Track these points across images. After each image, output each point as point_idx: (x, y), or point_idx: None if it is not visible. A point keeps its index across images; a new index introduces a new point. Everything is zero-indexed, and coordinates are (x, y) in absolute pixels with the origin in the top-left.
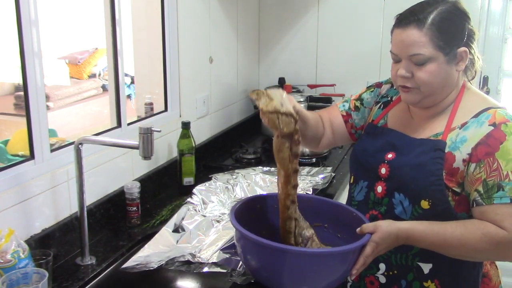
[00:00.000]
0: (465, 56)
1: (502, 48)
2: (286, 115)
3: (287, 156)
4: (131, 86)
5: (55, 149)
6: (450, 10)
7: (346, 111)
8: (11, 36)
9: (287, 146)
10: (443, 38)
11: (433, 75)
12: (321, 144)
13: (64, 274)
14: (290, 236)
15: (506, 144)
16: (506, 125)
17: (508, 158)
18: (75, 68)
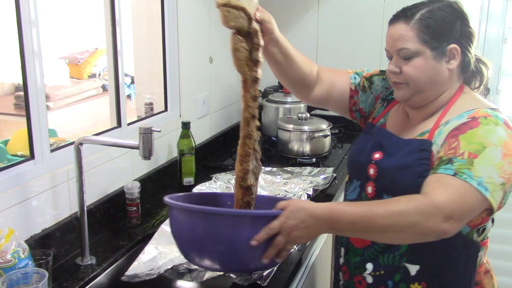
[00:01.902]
0: (457, 54)
1: (502, 48)
2: (237, 9)
3: (243, 58)
4: (131, 86)
5: (55, 149)
6: (442, 7)
7: (356, 86)
8: (11, 36)
9: (243, 45)
10: (429, 33)
11: (419, 70)
12: (311, 97)
13: (64, 274)
14: (248, 159)
15: (475, 130)
16: (485, 118)
17: (470, 140)
18: (75, 68)
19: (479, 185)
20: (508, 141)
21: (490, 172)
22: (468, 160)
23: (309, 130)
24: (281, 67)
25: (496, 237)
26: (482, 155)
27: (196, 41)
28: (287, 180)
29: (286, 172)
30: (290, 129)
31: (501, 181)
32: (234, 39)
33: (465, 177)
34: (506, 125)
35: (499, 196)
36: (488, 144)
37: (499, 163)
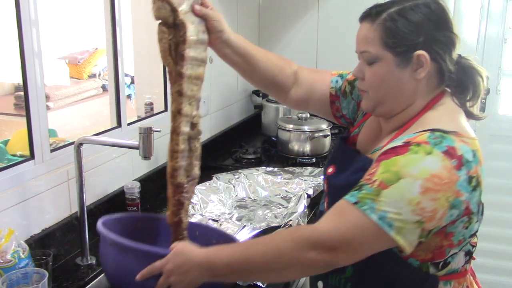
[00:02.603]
0: (425, 62)
1: (502, 48)
2: (161, 0)
3: (165, 49)
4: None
5: (55, 149)
6: (415, 7)
7: (336, 91)
8: (11, 36)
9: (165, 36)
10: (393, 36)
11: (379, 77)
12: (288, 99)
13: (64, 274)
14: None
15: (398, 158)
16: (418, 145)
17: (388, 168)
18: (75, 68)
19: (381, 219)
20: (437, 174)
21: (399, 208)
22: (376, 189)
23: (309, 130)
24: (241, 69)
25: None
26: (393, 186)
27: None
28: (288, 180)
29: (287, 172)
30: (290, 129)
31: (416, 219)
32: (158, 29)
33: (365, 208)
34: (447, 154)
35: (413, 236)
36: (405, 175)
37: (415, 198)
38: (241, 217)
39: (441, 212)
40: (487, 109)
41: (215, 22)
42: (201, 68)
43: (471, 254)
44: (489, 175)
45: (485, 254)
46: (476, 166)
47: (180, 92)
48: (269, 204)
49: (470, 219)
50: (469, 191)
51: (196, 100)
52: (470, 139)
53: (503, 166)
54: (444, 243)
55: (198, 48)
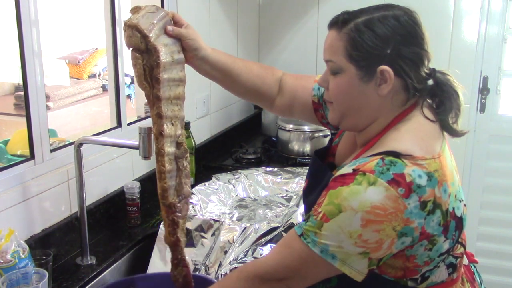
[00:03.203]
0: (389, 78)
1: (502, 48)
2: (131, 28)
3: (140, 74)
4: (131, 86)
5: (55, 149)
6: (383, 19)
7: (318, 99)
8: (11, 36)
9: (139, 62)
10: (357, 48)
11: (340, 89)
12: (274, 107)
13: (64, 274)
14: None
15: (342, 188)
16: (363, 175)
17: (331, 200)
18: (75, 68)
19: (323, 252)
20: (379, 205)
21: (339, 241)
22: (318, 222)
23: (309, 130)
24: (222, 83)
25: (484, 236)
26: (333, 220)
27: None
28: (288, 179)
29: (287, 172)
30: (290, 129)
31: (359, 251)
32: (131, 55)
33: (308, 241)
34: (393, 183)
35: (360, 265)
36: (345, 208)
37: (355, 232)
38: (242, 216)
39: (388, 242)
40: (487, 109)
41: (190, 41)
42: (180, 87)
43: (455, 266)
44: (489, 175)
45: (485, 254)
46: (433, 189)
47: (159, 114)
48: (269, 203)
49: (432, 241)
50: (423, 217)
51: (178, 119)
52: (428, 159)
53: (503, 166)
54: (408, 265)
55: (174, 69)
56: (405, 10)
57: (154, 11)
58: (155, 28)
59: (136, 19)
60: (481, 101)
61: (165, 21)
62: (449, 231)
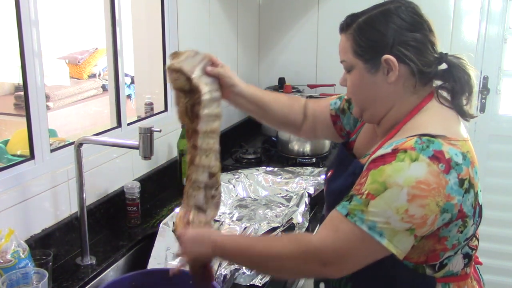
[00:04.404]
0: (393, 65)
1: (502, 48)
2: (176, 71)
3: (183, 110)
4: (131, 86)
5: (55, 149)
6: (377, 14)
7: (336, 111)
8: (11, 36)
9: (182, 101)
10: (361, 44)
11: (354, 84)
12: (301, 132)
13: (64, 274)
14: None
15: (385, 167)
16: (405, 152)
17: (375, 179)
18: (75, 68)
19: (371, 229)
20: (423, 180)
21: (387, 217)
22: (364, 201)
23: None
24: (255, 114)
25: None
26: (380, 196)
27: (196, 41)
28: (288, 179)
29: (287, 172)
30: None
31: (405, 227)
32: (175, 94)
33: (355, 219)
34: (434, 159)
35: (405, 243)
36: (391, 185)
37: (402, 207)
38: (242, 216)
39: (432, 218)
40: (487, 109)
41: (227, 79)
42: (216, 122)
43: (471, 257)
44: (489, 175)
45: (485, 254)
46: (468, 168)
47: (195, 146)
48: (269, 203)
49: (464, 223)
50: (461, 194)
51: (213, 152)
52: (460, 141)
53: (503, 166)
54: (437, 247)
55: (212, 105)
56: (403, 2)
57: (194, 55)
58: (197, 69)
59: (179, 63)
60: (481, 101)
61: (204, 63)
62: (475, 216)
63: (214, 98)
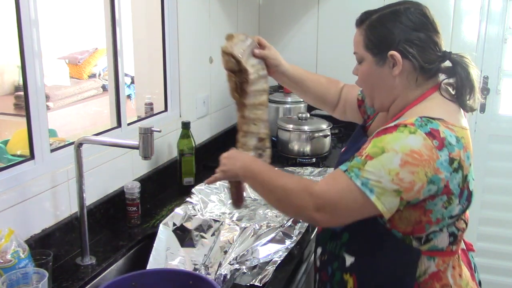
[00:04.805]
0: (397, 61)
1: (502, 48)
2: (227, 54)
3: (233, 87)
4: (131, 86)
5: (55, 149)
6: (388, 14)
7: (362, 97)
8: (11, 36)
9: (232, 79)
10: (372, 39)
11: (363, 74)
12: (335, 112)
13: (64, 274)
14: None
15: (386, 135)
16: (405, 126)
17: (376, 144)
18: (75, 68)
19: (364, 185)
20: (417, 150)
21: (379, 176)
22: (363, 160)
23: (309, 130)
24: (296, 91)
25: (484, 236)
26: (377, 158)
27: (196, 41)
28: None
29: (288, 172)
30: (290, 129)
31: (394, 188)
32: (227, 74)
33: (352, 175)
34: (430, 135)
35: (391, 203)
36: (389, 149)
37: (394, 170)
38: (242, 216)
39: (419, 185)
40: (487, 109)
41: (272, 60)
42: (263, 96)
43: (456, 236)
44: (489, 175)
45: (485, 254)
46: (460, 151)
47: (242, 116)
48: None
49: (449, 199)
50: (449, 171)
51: (261, 121)
52: (457, 127)
53: (503, 166)
54: (422, 219)
55: (259, 82)
56: (413, 3)
57: (244, 39)
58: (245, 53)
59: (231, 47)
60: (481, 98)
61: (253, 46)
62: (462, 197)
63: (261, 76)
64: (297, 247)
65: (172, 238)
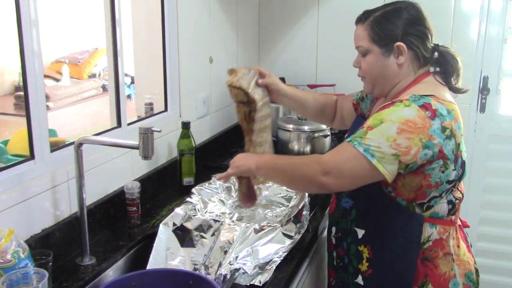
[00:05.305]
0: (403, 51)
1: (502, 48)
2: (236, 88)
3: (242, 117)
4: (131, 86)
5: (55, 149)
6: (391, 11)
7: (357, 101)
8: (11, 36)
9: (241, 109)
10: (377, 33)
11: (370, 65)
12: (334, 122)
13: (64, 274)
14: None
15: (384, 110)
16: (401, 101)
17: (375, 117)
18: (75, 68)
19: (365, 151)
20: (411, 120)
21: (379, 143)
22: (365, 131)
23: (309, 130)
24: (297, 110)
25: (484, 236)
26: (376, 128)
27: (196, 41)
28: None
29: None
30: (290, 129)
31: (392, 152)
32: (236, 105)
33: (354, 143)
34: (423, 108)
35: (392, 166)
36: (386, 120)
37: (392, 136)
38: (242, 216)
39: (415, 150)
40: (487, 109)
41: (273, 86)
42: (268, 120)
43: (454, 205)
44: (489, 175)
45: (485, 254)
46: (451, 121)
47: (250, 139)
48: (269, 203)
49: (445, 164)
50: (443, 138)
51: (266, 143)
52: (447, 101)
53: (503, 166)
54: (423, 183)
55: (264, 108)
56: (410, 2)
57: (247, 72)
58: (251, 84)
59: (238, 81)
60: (481, 101)
61: (256, 77)
62: (457, 164)
63: (265, 102)
64: (297, 247)
65: (172, 238)
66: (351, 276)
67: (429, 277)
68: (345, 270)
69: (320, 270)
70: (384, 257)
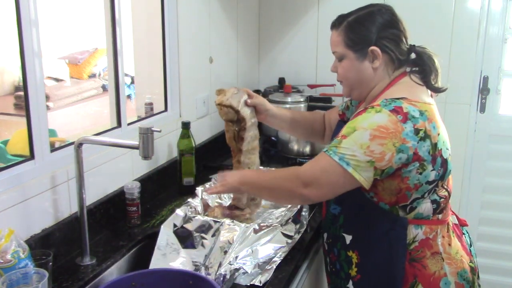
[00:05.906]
0: (378, 54)
1: (502, 48)
2: (226, 107)
3: (231, 136)
4: (131, 86)
5: (55, 149)
6: (364, 15)
7: (342, 110)
8: (11, 36)
9: (231, 128)
10: (351, 38)
11: (345, 69)
12: (325, 138)
13: (64, 274)
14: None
15: (357, 117)
16: (372, 107)
17: (349, 125)
18: (75, 68)
19: (341, 160)
20: (383, 125)
21: (353, 151)
22: (339, 140)
23: None
24: (286, 130)
25: (484, 236)
26: (350, 136)
27: (196, 41)
28: None
29: None
30: None
31: (367, 159)
32: (225, 124)
33: (330, 153)
34: (394, 112)
35: (367, 173)
36: (359, 128)
37: (365, 144)
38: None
39: (389, 155)
40: (487, 109)
41: (261, 106)
42: (255, 141)
43: (439, 203)
44: (489, 175)
45: (485, 254)
46: (424, 122)
47: (239, 161)
48: (269, 203)
49: (422, 165)
50: (416, 140)
51: (254, 165)
52: (420, 103)
53: (503, 166)
54: (402, 186)
55: (252, 129)
56: (383, 5)
57: (236, 92)
58: (240, 103)
59: (227, 100)
60: (481, 101)
61: (244, 97)
62: (436, 164)
63: (253, 122)
64: (297, 247)
65: (173, 239)
66: (343, 282)
67: (418, 277)
68: (337, 275)
69: (320, 270)
70: (371, 261)
